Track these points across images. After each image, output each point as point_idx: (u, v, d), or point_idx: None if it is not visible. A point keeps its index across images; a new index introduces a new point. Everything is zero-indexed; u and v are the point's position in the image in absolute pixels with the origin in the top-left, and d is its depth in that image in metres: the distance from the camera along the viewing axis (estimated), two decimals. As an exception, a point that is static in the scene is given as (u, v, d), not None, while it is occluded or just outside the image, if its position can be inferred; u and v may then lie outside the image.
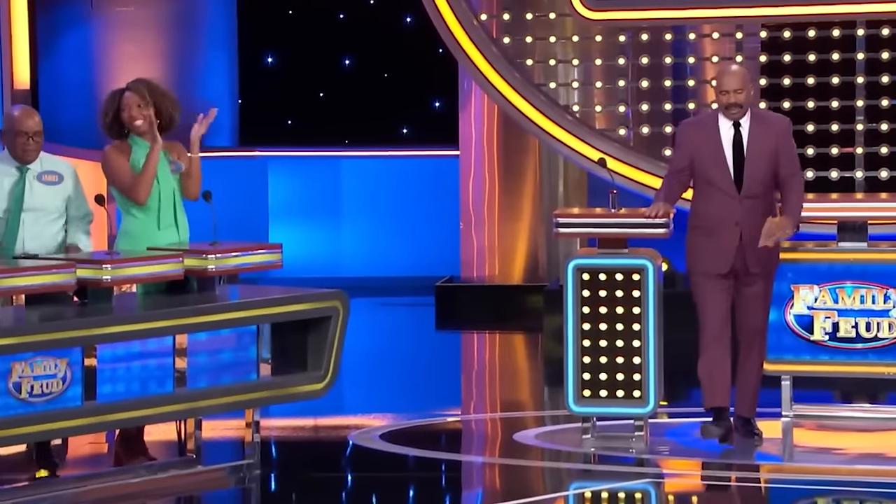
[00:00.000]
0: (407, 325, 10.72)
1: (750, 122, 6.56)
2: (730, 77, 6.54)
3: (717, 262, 6.56)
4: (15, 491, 5.98)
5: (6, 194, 6.27)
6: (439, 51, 10.90)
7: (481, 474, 6.75)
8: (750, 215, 6.53)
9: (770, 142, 6.55)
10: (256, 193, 11.72)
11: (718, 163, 6.54)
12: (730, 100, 6.52)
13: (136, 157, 6.49)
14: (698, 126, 6.65)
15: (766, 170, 6.54)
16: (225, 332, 6.26)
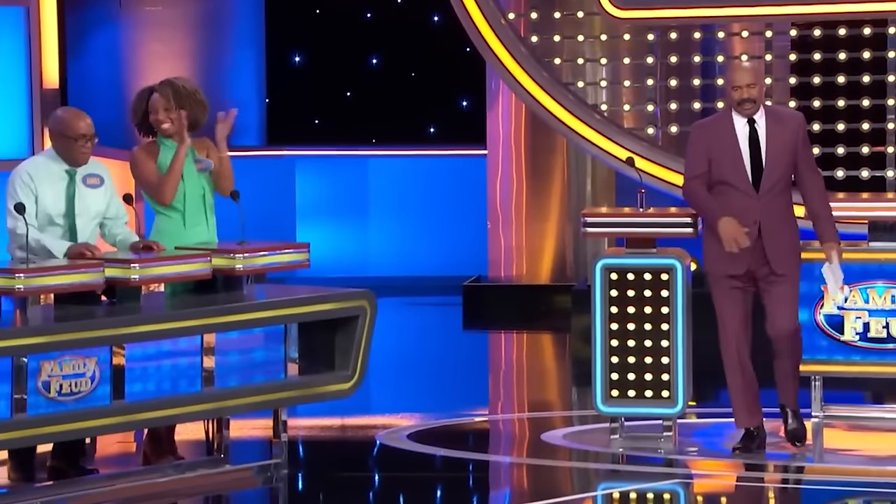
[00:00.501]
0: (434, 324, 10.72)
1: (765, 119, 6.45)
2: (742, 72, 6.43)
3: (733, 263, 6.45)
4: (44, 489, 6.01)
5: (63, 198, 6.23)
6: (467, 50, 10.90)
7: (509, 474, 6.74)
8: (768, 214, 6.43)
9: (787, 137, 6.44)
10: (284, 193, 11.75)
11: (735, 162, 6.41)
12: (742, 95, 6.39)
13: (165, 157, 6.50)
14: (712, 126, 6.52)
15: (784, 166, 6.44)
16: (252, 331, 6.27)
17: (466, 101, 12.35)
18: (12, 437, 5.71)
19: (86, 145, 6.24)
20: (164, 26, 11.71)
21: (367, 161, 11.93)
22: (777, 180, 6.43)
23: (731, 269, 6.46)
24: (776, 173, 6.43)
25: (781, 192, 6.45)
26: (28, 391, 5.69)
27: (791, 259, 6.52)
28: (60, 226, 6.21)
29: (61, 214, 6.21)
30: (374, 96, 12.40)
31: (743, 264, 6.44)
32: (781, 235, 6.45)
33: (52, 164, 6.25)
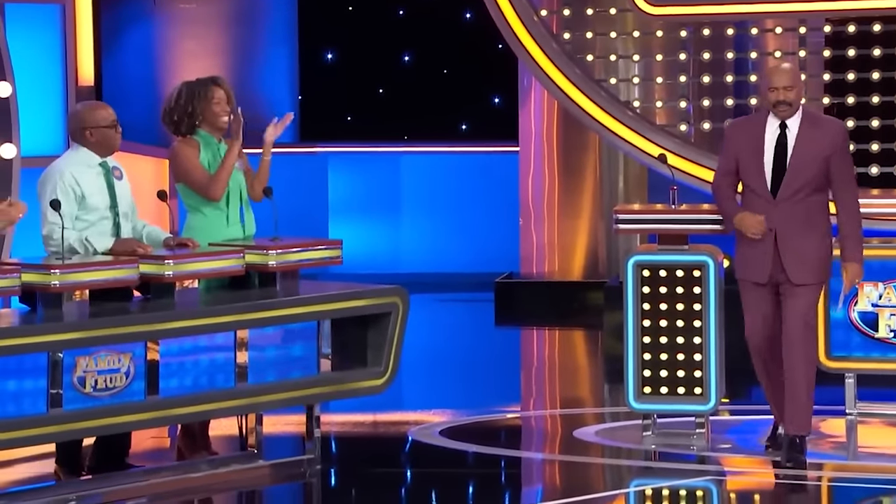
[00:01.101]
0: (466, 321, 10.72)
1: (800, 124, 6.30)
2: (780, 74, 6.31)
3: (754, 270, 6.33)
4: (79, 483, 6.04)
5: (105, 190, 6.23)
6: (499, 46, 10.90)
7: (541, 471, 6.75)
8: (787, 221, 6.25)
9: (820, 146, 6.27)
10: (316, 189, 11.77)
11: (756, 164, 6.28)
12: (779, 97, 6.27)
13: (206, 153, 6.50)
14: (744, 126, 6.41)
15: (810, 175, 6.25)
16: (285, 327, 6.29)
17: (498, 97, 12.34)
18: (48, 432, 5.75)
19: (119, 130, 6.28)
20: (197, 23, 11.75)
21: (400, 158, 11.94)
22: (800, 187, 6.25)
23: (754, 276, 6.35)
24: (799, 180, 6.25)
25: (806, 199, 6.26)
26: (64, 386, 5.73)
27: (810, 269, 6.29)
28: (108, 218, 6.23)
29: (108, 206, 6.23)
30: (407, 93, 12.41)
31: (764, 272, 6.30)
32: (800, 243, 6.26)
33: (87, 159, 6.27)
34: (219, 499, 6.23)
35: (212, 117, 6.48)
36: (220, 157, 6.50)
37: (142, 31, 11.74)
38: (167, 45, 11.72)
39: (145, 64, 11.65)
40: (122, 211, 6.27)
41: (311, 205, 11.63)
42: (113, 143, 6.27)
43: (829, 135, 6.30)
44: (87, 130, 6.26)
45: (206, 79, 6.53)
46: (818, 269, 6.33)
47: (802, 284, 6.28)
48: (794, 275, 6.28)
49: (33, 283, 5.84)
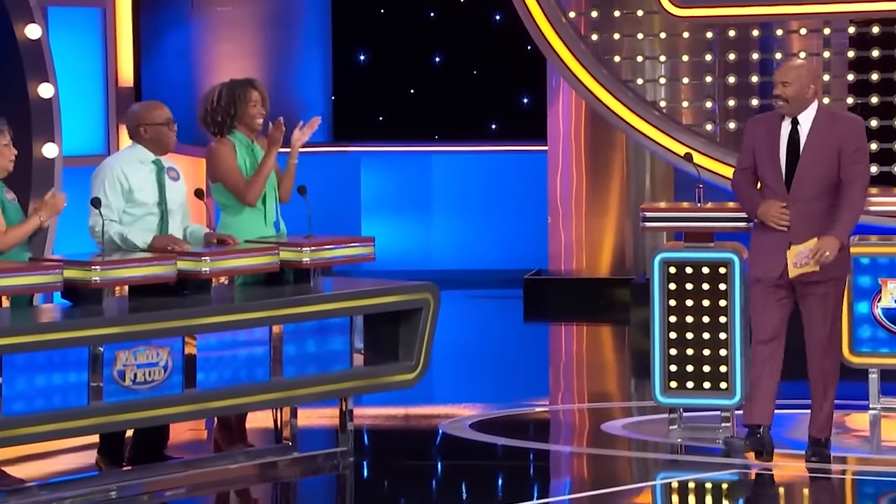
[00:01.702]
0: (496, 317, 10.72)
1: (813, 121, 6.15)
2: (781, 69, 6.19)
3: (766, 267, 6.19)
4: (119, 474, 6.07)
5: (155, 188, 6.27)
6: (527, 48, 10.89)
7: (569, 463, 6.74)
8: (801, 219, 6.11)
9: (831, 142, 6.13)
10: (349, 188, 11.79)
11: (773, 161, 6.16)
12: (775, 91, 6.14)
13: (241, 154, 6.50)
14: (762, 123, 6.28)
15: (822, 171, 6.11)
16: (319, 322, 6.31)
17: (527, 98, 12.33)
18: (88, 424, 5.78)
19: (173, 129, 6.32)
20: (234, 26, 11.78)
21: (430, 157, 11.94)
22: (812, 184, 6.12)
23: (766, 273, 6.19)
24: (811, 177, 6.12)
25: (819, 196, 6.12)
26: (104, 380, 5.76)
27: (833, 266, 6.14)
28: (155, 215, 6.25)
29: (155, 203, 6.26)
30: (437, 93, 12.42)
31: (777, 269, 6.15)
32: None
33: (140, 156, 6.30)
34: (254, 490, 6.25)
35: (248, 119, 6.50)
36: (253, 157, 6.52)
37: (180, 34, 11.78)
38: (204, 47, 11.76)
39: (183, 66, 11.69)
40: (171, 209, 6.29)
41: (344, 203, 11.64)
42: (166, 141, 6.31)
43: (842, 130, 6.15)
44: (142, 128, 6.30)
45: (244, 81, 6.55)
46: (835, 265, 6.18)
47: (818, 282, 6.14)
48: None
49: (75, 279, 5.87)
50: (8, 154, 6.02)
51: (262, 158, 6.49)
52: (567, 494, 6.23)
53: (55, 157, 9.06)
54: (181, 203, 6.37)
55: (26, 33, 8.97)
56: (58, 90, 9.07)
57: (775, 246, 6.17)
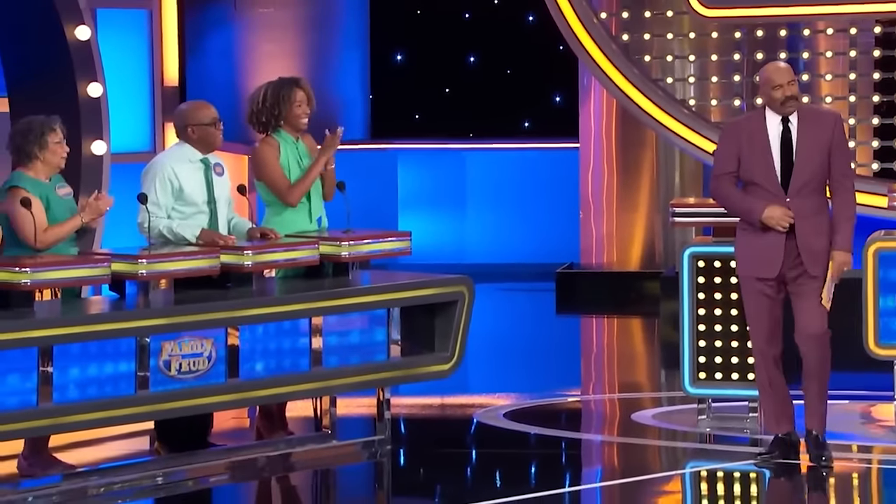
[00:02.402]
0: (529, 309, 10.71)
1: (798, 119, 6.00)
2: (782, 71, 6.01)
3: (764, 266, 5.99)
4: (164, 460, 6.11)
5: (204, 186, 6.28)
6: (560, 48, 10.87)
7: (600, 452, 6.73)
8: (799, 214, 5.96)
9: (823, 136, 5.99)
10: (387, 184, 11.80)
11: (765, 162, 5.96)
12: (786, 93, 5.96)
13: (285, 152, 6.49)
14: (744, 125, 6.06)
15: (816, 167, 5.98)
16: (357, 314, 6.31)
17: (559, 96, 12.31)
18: (136, 413, 5.81)
19: (219, 128, 6.32)
20: (275, 27, 11.81)
21: (465, 154, 11.94)
22: (808, 180, 5.98)
23: (764, 272, 5.99)
24: (807, 173, 5.98)
25: (813, 192, 5.99)
26: (150, 369, 5.79)
27: (825, 260, 6.02)
28: (205, 213, 6.27)
29: (205, 202, 6.27)
30: (472, 92, 12.41)
31: (775, 267, 5.98)
32: (815, 236, 5.99)
33: (188, 155, 6.31)
34: (295, 477, 6.27)
35: (293, 119, 6.49)
36: (297, 155, 6.51)
37: (223, 35, 11.82)
38: (247, 47, 11.79)
39: (226, 65, 11.73)
40: (223, 204, 6.31)
41: (382, 198, 11.65)
42: (212, 141, 6.31)
43: (829, 126, 6.02)
44: (189, 128, 6.31)
45: (290, 81, 6.54)
46: (821, 261, 6.03)
47: (817, 276, 5.98)
48: (812, 266, 5.99)
49: (122, 272, 5.90)
50: (60, 151, 6.03)
51: (311, 164, 6.47)
52: (598, 482, 6.21)
53: (103, 154, 9.10)
54: (227, 197, 6.39)
55: (76, 34, 9.02)
56: (106, 89, 9.11)
57: (771, 246, 5.98)
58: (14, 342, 5.49)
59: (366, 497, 6.22)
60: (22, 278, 5.62)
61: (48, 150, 5.96)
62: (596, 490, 6.08)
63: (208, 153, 6.34)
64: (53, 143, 5.99)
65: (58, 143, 6.01)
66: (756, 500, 5.95)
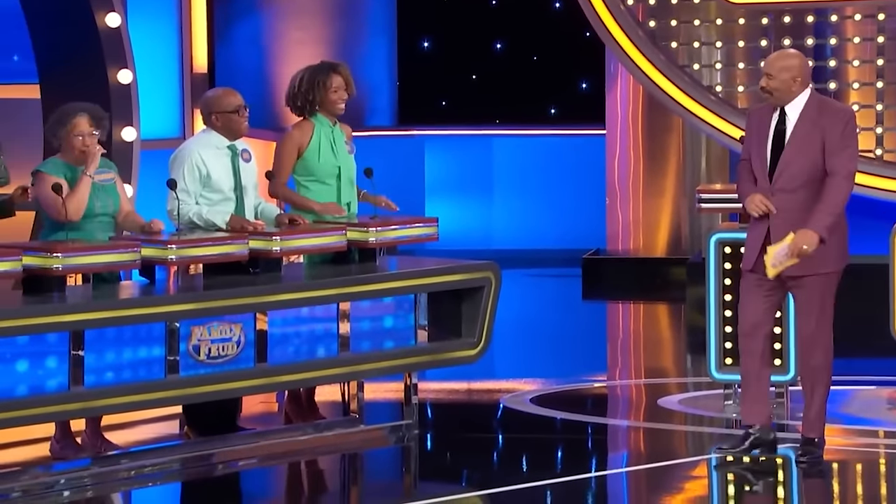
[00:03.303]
0: (555, 295, 10.69)
1: (801, 112, 5.80)
2: (767, 62, 5.87)
3: (745, 258, 5.88)
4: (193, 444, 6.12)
5: (231, 172, 6.27)
6: (586, 34, 10.82)
7: (626, 437, 6.72)
8: (783, 211, 5.76)
9: (816, 132, 5.77)
10: (414, 170, 11.79)
11: (760, 152, 5.84)
12: (761, 83, 5.84)
13: (318, 136, 6.49)
14: (758, 113, 5.94)
15: (806, 162, 5.76)
16: (385, 300, 6.32)
17: (586, 83, 12.26)
18: (165, 397, 5.83)
19: (244, 115, 6.30)
20: (303, 15, 11.80)
21: (492, 140, 11.92)
22: (794, 176, 5.76)
23: (744, 263, 5.89)
24: (794, 168, 5.76)
25: (801, 188, 5.75)
26: (180, 354, 5.81)
27: (812, 262, 5.75)
28: (232, 199, 6.26)
29: (231, 189, 6.27)
30: (499, 79, 12.38)
31: (750, 260, 5.82)
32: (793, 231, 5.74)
33: (215, 141, 6.30)
34: (323, 461, 6.28)
35: (329, 105, 6.48)
36: (331, 140, 6.49)
37: (251, 22, 11.83)
38: (275, 35, 11.79)
39: (255, 52, 11.73)
40: (249, 190, 6.30)
41: (409, 185, 11.65)
42: (236, 128, 6.30)
43: (829, 121, 5.78)
44: (214, 115, 6.31)
45: (327, 66, 6.51)
46: (822, 260, 5.79)
47: (802, 276, 5.77)
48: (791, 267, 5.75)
49: (152, 257, 5.92)
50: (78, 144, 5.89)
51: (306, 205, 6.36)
52: (624, 467, 6.20)
53: (133, 140, 9.13)
54: (254, 183, 6.39)
55: (107, 22, 9.04)
56: (136, 76, 9.13)
57: (754, 235, 5.86)
58: (46, 326, 5.52)
59: (393, 481, 6.22)
60: (54, 263, 5.64)
61: (63, 140, 5.96)
62: (622, 475, 6.07)
63: (234, 140, 6.34)
64: (72, 136, 5.93)
65: (74, 136, 5.93)
66: (782, 486, 5.92)
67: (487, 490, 5.74)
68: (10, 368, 5.47)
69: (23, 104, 9.19)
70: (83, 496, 5.67)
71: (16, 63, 9.65)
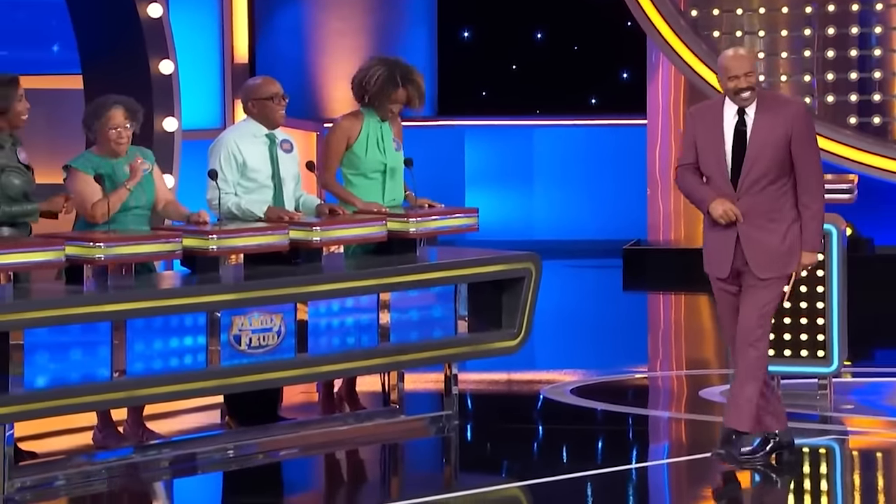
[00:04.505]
0: (596, 286, 10.66)
1: (757, 109, 5.60)
2: (739, 60, 5.58)
3: (716, 265, 5.69)
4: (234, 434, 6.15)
5: (268, 161, 6.27)
6: (628, 24, 10.77)
7: (668, 428, 6.69)
8: (749, 213, 5.57)
9: (778, 130, 5.56)
10: (454, 160, 11.79)
11: (717, 155, 5.60)
12: (740, 85, 5.56)
13: (366, 130, 6.48)
14: (704, 113, 5.69)
15: (770, 163, 5.56)
16: (425, 290, 6.31)
17: (627, 73, 12.21)
18: (207, 386, 5.85)
19: (280, 103, 6.28)
20: (344, 5, 11.81)
21: (533, 130, 11.90)
22: (760, 177, 5.56)
23: (717, 271, 5.69)
24: (759, 169, 5.56)
25: (768, 188, 5.56)
26: (221, 344, 5.82)
27: (775, 262, 5.61)
28: (269, 187, 6.26)
29: (269, 177, 6.26)
30: (539, 69, 12.35)
31: (725, 267, 5.65)
32: (764, 236, 5.59)
33: (253, 130, 6.30)
34: (363, 451, 6.29)
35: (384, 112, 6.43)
36: (378, 136, 6.46)
37: (292, 12, 11.84)
38: (316, 25, 11.81)
39: (295, 43, 11.76)
40: (284, 181, 6.30)
41: (449, 175, 11.65)
42: (272, 116, 6.28)
43: (788, 117, 5.59)
44: (251, 102, 6.32)
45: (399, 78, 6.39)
46: (784, 262, 5.65)
47: (768, 279, 5.63)
48: (758, 269, 5.61)
49: (193, 247, 5.93)
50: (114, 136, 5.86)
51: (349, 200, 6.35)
52: (665, 459, 6.17)
53: (174, 130, 9.16)
54: (294, 174, 6.38)
55: (149, 12, 9.08)
56: (177, 67, 9.16)
57: (722, 243, 5.65)
58: (88, 316, 5.55)
59: (433, 472, 6.22)
60: (96, 253, 5.67)
61: (98, 133, 5.97)
62: (663, 466, 6.04)
63: (273, 129, 6.33)
64: (102, 128, 5.92)
65: (109, 129, 5.92)
66: (825, 479, 5.87)
67: (528, 481, 5.73)
68: (53, 358, 5.51)
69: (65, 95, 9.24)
70: (125, 485, 5.70)
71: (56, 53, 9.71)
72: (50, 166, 6.60)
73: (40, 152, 6.79)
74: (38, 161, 6.04)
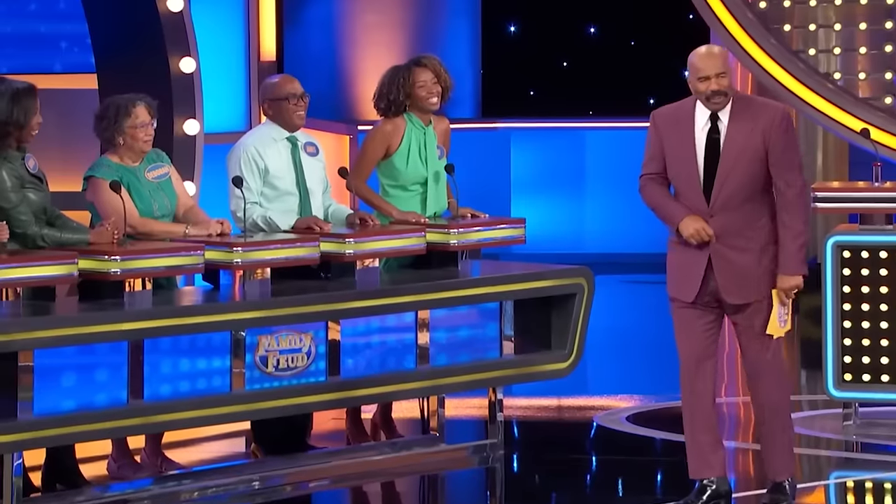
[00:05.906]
0: (653, 303, 10.63)
1: (731, 114, 5.44)
2: (711, 60, 5.44)
3: (682, 288, 5.52)
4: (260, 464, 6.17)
5: (291, 167, 6.27)
6: (689, 16, 10.77)
7: (733, 459, 6.67)
8: (723, 234, 5.43)
9: (753, 138, 5.40)
10: (499, 166, 11.81)
11: (687, 166, 5.45)
12: (711, 87, 5.42)
13: (409, 139, 6.48)
14: (671, 117, 5.55)
15: (746, 176, 5.40)
16: (467, 308, 6.32)
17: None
18: (230, 412, 5.88)
19: (298, 104, 6.26)
20: (378, -3, 11.87)
21: (584, 133, 11.90)
22: (734, 191, 5.41)
23: (682, 295, 5.53)
24: (732, 183, 5.41)
25: (744, 203, 5.41)
26: (246, 366, 5.85)
27: (749, 286, 5.45)
28: (294, 195, 6.27)
29: (293, 183, 6.27)
30: (592, 66, 12.36)
31: (692, 292, 5.49)
32: (738, 257, 5.44)
33: (273, 133, 6.31)
34: (400, 483, 6.31)
35: (418, 101, 6.46)
36: (421, 142, 6.47)
37: (323, 5, 11.90)
38: (348, 18, 11.86)
39: (326, 38, 11.81)
40: (311, 188, 6.31)
41: (494, 182, 11.67)
42: (289, 117, 6.27)
43: (765, 122, 5.43)
44: (266, 103, 6.34)
45: (409, 62, 6.47)
46: (760, 285, 5.50)
47: (747, 304, 5.48)
48: (730, 294, 5.47)
49: (216, 260, 5.97)
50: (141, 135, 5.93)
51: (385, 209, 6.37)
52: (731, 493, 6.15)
53: (196, 134, 9.21)
54: (321, 179, 6.39)
55: (168, 6, 9.13)
56: (199, 65, 9.21)
57: (691, 263, 5.50)
58: (103, 335, 5.58)
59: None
60: (111, 267, 5.71)
61: (126, 134, 6.00)
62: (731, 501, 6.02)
63: (293, 131, 6.34)
64: (131, 128, 5.98)
65: (137, 128, 5.97)
66: (907, 516, 5.85)
67: (580, 517, 5.74)
68: (65, 380, 5.55)
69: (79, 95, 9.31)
70: (142, 519, 5.74)
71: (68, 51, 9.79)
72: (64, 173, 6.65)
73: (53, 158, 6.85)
74: (50, 168, 6.09)
